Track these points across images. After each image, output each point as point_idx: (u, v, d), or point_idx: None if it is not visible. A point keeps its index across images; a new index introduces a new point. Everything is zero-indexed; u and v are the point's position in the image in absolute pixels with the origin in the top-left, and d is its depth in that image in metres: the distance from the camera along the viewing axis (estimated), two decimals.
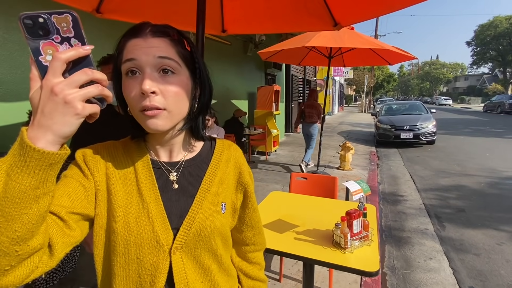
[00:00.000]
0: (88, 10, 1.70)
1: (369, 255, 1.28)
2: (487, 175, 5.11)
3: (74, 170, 0.55)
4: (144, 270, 0.56)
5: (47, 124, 0.38)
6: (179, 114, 0.56)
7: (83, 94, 0.40)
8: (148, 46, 0.52)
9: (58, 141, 0.39)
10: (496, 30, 34.41)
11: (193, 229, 0.58)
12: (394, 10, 1.66)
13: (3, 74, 2.25)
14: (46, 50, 0.40)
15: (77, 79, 0.39)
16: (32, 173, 0.37)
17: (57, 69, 0.38)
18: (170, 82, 0.53)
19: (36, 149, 0.36)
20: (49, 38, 0.40)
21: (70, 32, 0.40)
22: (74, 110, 0.39)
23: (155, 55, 0.51)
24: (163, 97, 0.52)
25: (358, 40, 3.65)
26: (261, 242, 0.79)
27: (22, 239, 0.38)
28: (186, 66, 0.56)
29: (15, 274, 0.40)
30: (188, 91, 0.57)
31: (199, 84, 0.60)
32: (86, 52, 0.41)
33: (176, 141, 0.62)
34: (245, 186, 0.69)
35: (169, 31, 0.55)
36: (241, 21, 2.07)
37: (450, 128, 12.19)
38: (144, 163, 0.61)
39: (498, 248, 2.77)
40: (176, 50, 0.54)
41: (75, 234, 0.50)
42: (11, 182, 0.36)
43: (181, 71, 0.55)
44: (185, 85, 0.56)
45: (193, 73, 0.58)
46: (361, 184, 1.39)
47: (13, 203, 0.36)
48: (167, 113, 0.53)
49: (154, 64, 0.52)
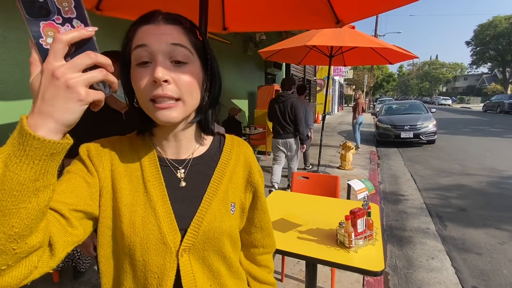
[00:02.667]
0: (88, 7, 1.68)
1: (374, 255, 1.27)
2: (488, 175, 5.10)
3: (78, 166, 0.53)
4: (151, 273, 0.53)
5: (48, 111, 0.35)
6: (192, 105, 0.54)
7: (86, 78, 0.37)
8: (161, 32, 0.50)
9: (60, 129, 0.37)
10: (496, 30, 34.43)
11: (201, 230, 0.56)
12: (396, 6, 1.64)
13: (3, 72, 2.23)
14: (47, 32, 0.37)
15: (79, 62, 0.37)
16: (31, 164, 0.34)
17: (59, 51, 0.36)
18: (183, 71, 0.51)
19: (36, 137, 0.34)
20: (49, 18, 0.37)
21: (72, 13, 0.38)
22: (77, 95, 0.36)
23: (168, 42, 0.49)
24: (176, 86, 0.50)
25: (359, 39, 3.63)
26: (270, 244, 0.77)
27: (20, 236, 0.35)
28: (198, 56, 0.54)
29: (12, 274, 0.37)
30: (200, 81, 0.55)
31: (210, 76, 0.58)
32: (90, 34, 0.39)
33: (185, 136, 0.59)
34: (254, 185, 0.66)
35: (181, 19, 0.53)
36: (242, 19, 2.05)
37: (450, 127, 12.19)
38: (151, 160, 0.58)
39: (500, 248, 2.76)
40: (189, 38, 0.52)
41: (78, 233, 0.47)
42: (9, 173, 0.34)
43: (194, 61, 0.53)
44: (197, 75, 0.54)
45: (204, 64, 0.56)
46: (365, 183, 1.38)
47: (10, 196, 0.34)
48: (182, 103, 0.51)
49: (167, 52, 0.49)
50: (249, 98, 7.01)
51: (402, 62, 16.26)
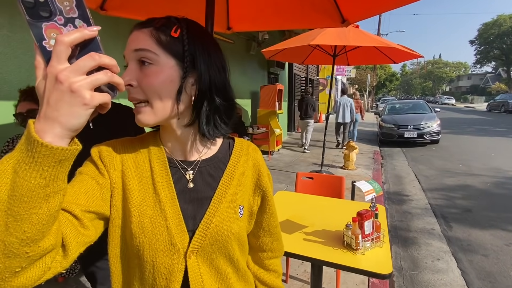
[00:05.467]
0: (92, 7, 1.67)
1: (381, 257, 1.25)
2: (493, 175, 5.06)
3: (90, 167, 0.53)
4: (159, 274, 0.53)
5: (53, 116, 0.35)
6: (163, 106, 0.52)
7: (91, 81, 0.36)
8: (130, 40, 0.52)
9: (67, 134, 0.36)
10: (500, 28, 34.16)
11: (209, 232, 0.56)
12: (402, 4, 1.62)
13: (8, 72, 2.23)
14: (50, 33, 0.36)
15: (83, 65, 0.36)
16: (40, 170, 0.34)
17: (61, 54, 0.35)
18: (146, 73, 0.51)
19: (44, 144, 0.34)
20: (51, 19, 0.36)
21: (74, 12, 0.37)
22: (81, 99, 0.35)
23: (132, 49, 0.51)
24: (141, 89, 0.51)
25: (363, 38, 3.61)
26: (278, 248, 0.76)
27: (32, 240, 0.35)
28: (170, 54, 0.51)
29: (26, 275, 0.37)
30: (171, 81, 0.51)
31: (192, 72, 0.53)
32: (92, 34, 0.37)
33: (188, 139, 0.59)
34: (263, 189, 0.66)
35: (154, 20, 0.52)
36: (246, 18, 2.03)
37: (454, 127, 12.11)
38: (161, 161, 0.58)
39: (506, 249, 2.73)
40: (155, 39, 0.50)
41: (90, 234, 0.48)
42: (19, 180, 0.34)
43: (160, 61, 0.50)
44: (165, 74, 0.51)
45: (182, 61, 0.52)
46: (373, 184, 1.36)
47: (21, 202, 0.34)
48: (150, 106, 0.52)
49: (133, 58, 0.51)
50: (252, 97, 6.99)
51: (405, 62, 16.17)
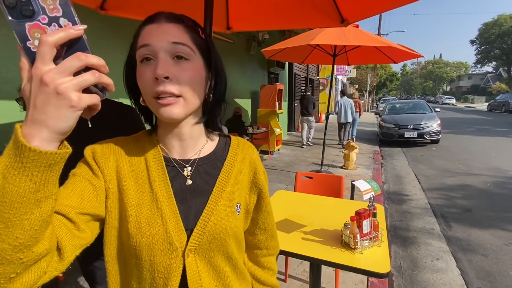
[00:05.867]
0: (92, 7, 1.68)
1: (379, 256, 1.25)
2: (493, 175, 5.05)
3: (83, 168, 0.53)
4: (157, 273, 0.54)
5: (40, 119, 0.34)
6: (194, 102, 0.54)
7: (77, 83, 0.35)
8: (162, 31, 0.50)
9: (55, 138, 0.35)
10: (501, 28, 34.11)
11: (207, 230, 0.56)
12: (401, 4, 1.62)
13: (8, 72, 2.24)
14: (34, 33, 0.34)
15: (68, 66, 0.34)
16: (30, 175, 0.33)
17: (46, 55, 0.33)
18: (184, 68, 0.51)
19: (32, 148, 0.32)
20: (35, 19, 0.34)
21: (58, 11, 0.35)
22: (68, 102, 0.34)
23: (169, 41, 0.50)
24: (177, 83, 0.50)
25: (363, 37, 3.61)
26: (274, 246, 0.77)
27: (25, 246, 0.34)
28: (200, 54, 0.55)
29: (22, 281, 0.37)
30: (202, 79, 0.55)
31: (213, 74, 0.58)
32: (78, 33, 0.35)
33: (191, 136, 0.59)
34: (259, 187, 0.67)
35: (184, 18, 0.54)
36: (246, 18, 2.04)
37: (454, 127, 12.09)
38: (157, 160, 0.58)
39: (506, 249, 2.73)
40: (190, 37, 0.53)
41: (85, 236, 0.47)
42: (8, 185, 0.32)
43: (195, 58, 0.53)
44: (199, 72, 0.54)
45: (208, 62, 0.57)
46: (371, 183, 1.36)
47: (11, 208, 0.33)
48: (183, 100, 0.52)
49: (168, 50, 0.50)
50: (252, 97, 6.99)
51: (405, 61, 16.13)
